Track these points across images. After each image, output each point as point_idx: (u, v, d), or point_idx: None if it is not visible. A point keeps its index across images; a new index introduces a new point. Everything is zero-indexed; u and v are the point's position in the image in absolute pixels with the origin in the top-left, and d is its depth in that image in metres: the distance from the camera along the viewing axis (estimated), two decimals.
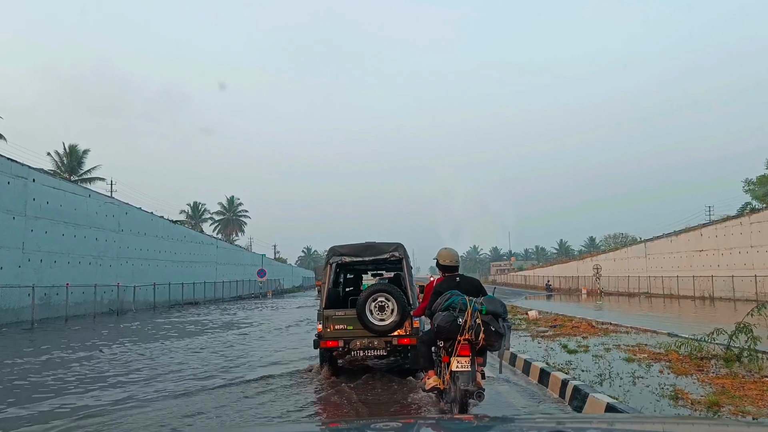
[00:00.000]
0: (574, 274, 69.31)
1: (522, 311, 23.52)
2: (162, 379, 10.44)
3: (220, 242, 55.80)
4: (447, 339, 5.96)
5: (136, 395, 8.92)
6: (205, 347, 15.34)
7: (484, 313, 5.79)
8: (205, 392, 9.01)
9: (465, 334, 5.75)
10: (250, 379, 10.03)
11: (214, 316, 29.22)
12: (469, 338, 5.77)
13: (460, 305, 5.82)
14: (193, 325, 23.18)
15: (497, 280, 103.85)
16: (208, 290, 45.08)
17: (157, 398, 8.62)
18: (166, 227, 40.75)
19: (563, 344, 11.59)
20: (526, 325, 16.56)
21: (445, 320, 5.82)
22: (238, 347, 15.29)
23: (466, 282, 6.48)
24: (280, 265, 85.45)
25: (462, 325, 5.73)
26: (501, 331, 5.80)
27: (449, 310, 5.86)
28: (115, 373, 11.21)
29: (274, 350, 14.39)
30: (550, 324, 16.60)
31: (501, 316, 5.90)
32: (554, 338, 12.96)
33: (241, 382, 9.80)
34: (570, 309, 29.53)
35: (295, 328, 20.69)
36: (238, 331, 20.01)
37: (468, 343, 5.81)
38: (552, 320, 18.06)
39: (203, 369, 11.50)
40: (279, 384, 9.39)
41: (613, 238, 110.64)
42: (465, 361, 5.83)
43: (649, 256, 52.13)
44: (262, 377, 10.05)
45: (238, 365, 11.96)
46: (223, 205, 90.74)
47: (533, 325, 16.48)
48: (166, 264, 39.58)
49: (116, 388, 9.61)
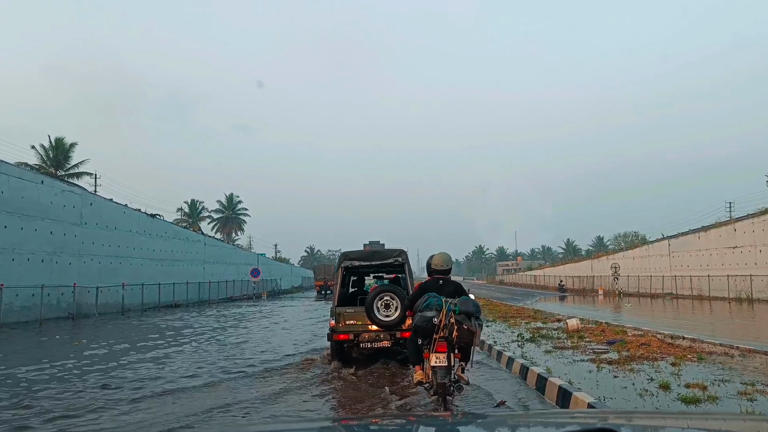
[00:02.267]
0: (588, 273, 65.20)
1: (552, 317, 19.28)
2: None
3: (209, 239, 51.50)
4: (425, 337, 6.47)
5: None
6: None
7: (457, 312, 6.25)
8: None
9: (440, 332, 6.23)
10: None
11: (182, 321, 25.12)
12: (444, 336, 6.24)
13: (435, 306, 6.34)
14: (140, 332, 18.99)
15: (505, 281, 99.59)
16: (193, 291, 40.89)
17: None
18: (143, 221, 36.53)
19: (662, 383, 7.28)
20: (570, 340, 12.40)
21: (421, 320, 6.36)
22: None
23: (447, 284, 6.87)
24: (278, 265, 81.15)
25: (437, 324, 6.22)
26: (473, 329, 6.29)
27: (426, 310, 6.38)
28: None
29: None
30: (602, 337, 12.44)
31: (474, 315, 6.37)
32: (628, 365, 8.76)
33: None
34: (601, 314, 25.33)
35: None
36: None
37: (444, 340, 6.27)
38: (599, 331, 13.90)
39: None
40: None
41: (624, 236, 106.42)
42: (442, 357, 6.31)
43: (674, 254, 47.87)
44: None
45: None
46: (222, 203, 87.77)
47: (580, 340, 12.33)
48: (141, 262, 35.45)
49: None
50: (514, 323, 17.54)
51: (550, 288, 72.04)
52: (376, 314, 9.86)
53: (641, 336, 12.48)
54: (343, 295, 11.89)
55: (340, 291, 11.61)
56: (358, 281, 14.55)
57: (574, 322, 14.40)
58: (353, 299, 12.33)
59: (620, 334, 13.06)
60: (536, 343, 12.26)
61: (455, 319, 6.20)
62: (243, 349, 14.49)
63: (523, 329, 15.61)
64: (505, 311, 23.82)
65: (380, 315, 9.88)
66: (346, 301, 11.96)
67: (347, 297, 12.44)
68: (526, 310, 24.81)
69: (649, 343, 10.85)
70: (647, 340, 11.40)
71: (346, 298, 12.28)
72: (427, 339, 6.40)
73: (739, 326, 20.44)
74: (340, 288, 11.66)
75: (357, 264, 11.65)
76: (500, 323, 17.92)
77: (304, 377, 10.10)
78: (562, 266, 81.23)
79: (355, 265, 11.69)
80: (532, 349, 11.36)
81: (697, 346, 10.69)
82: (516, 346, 11.85)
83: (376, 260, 11.83)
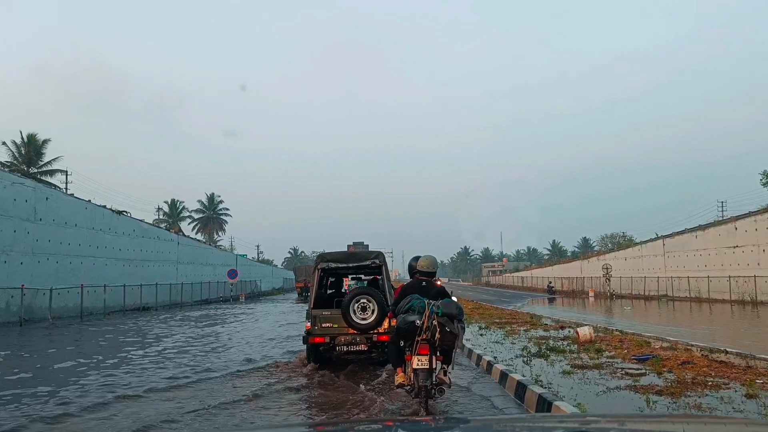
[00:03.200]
0: (578, 274, 63.39)
1: (554, 324, 17.12)
2: None
3: (182, 238, 48.75)
4: (407, 339, 6.37)
5: None
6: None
7: (440, 315, 6.18)
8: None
9: (422, 335, 6.15)
10: None
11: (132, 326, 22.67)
12: (426, 338, 6.14)
13: (418, 308, 6.25)
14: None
15: (491, 282, 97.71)
16: (164, 293, 38.28)
17: None
18: (107, 218, 33.84)
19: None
20: (587, 354, 10.22)
21: (403, 322, 6.28)
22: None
23: (430, 286, 6.75)
24: (258, 266, 78.35)
25: (419, 326, 6.14)
26: (455, 332, 6.25)
27: (409, 312, 6.28)
28: None
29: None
30: (625, 351, 10.28)
31: (456, 318, 6.32)
32: (686, 396, 6.57)
33: None
34: (599, 317, 23.31)
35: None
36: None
37: (426, 342, 6.17)
38: (617, 342, 11.75)
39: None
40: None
41: (611, 237, 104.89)
42: (424, 360, 6.19)
43: (669, 254, 46.09)
44: None
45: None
46: (203, 203, 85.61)
47: (598, 354, 10.16)
48: (106, 262, 32.84)
49: None
50: (512, 331, 15.39)
51: (538, 290, 70.23)
52: (353, 317, 9.76)
53: (671, 349, 10.34)
54: (320, 297, 11.71)
55: (316, 293, 11.32)
56: (336, 283, 14.39)
57: (587, 332, 12.21)
58: (330, 301, 11.88)
59: (644, 346, 10.92)
60: (546, 358, 10.08)
61: (438, 321, 6.16)
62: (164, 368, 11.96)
63: (524, 339, 13.46)
64: (498, 316, 21.71)
65: (357, 318, 9.78)
66: (323, 303, 11.71)
67: (324, 299, 12.18)
68: (520, 315, 22.72)
69: (693, 361, 8.67)
70: (689, 356, 9.20)
71: (323, 300, 12.04)
72: (409, 341, 6.34)
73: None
74: (317, 290, 11.37)
75: (334, 266, 11.35)
76: (496, 330, 15.76)
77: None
78: (550, 267, 79.46)
79: (332, 267, 11.39)
80: (543, 367, 9.18)
81: (757, 365, 8.52)
82: (521, 363, 9.69)
83: (353, 262, 11.58)
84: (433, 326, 6.08)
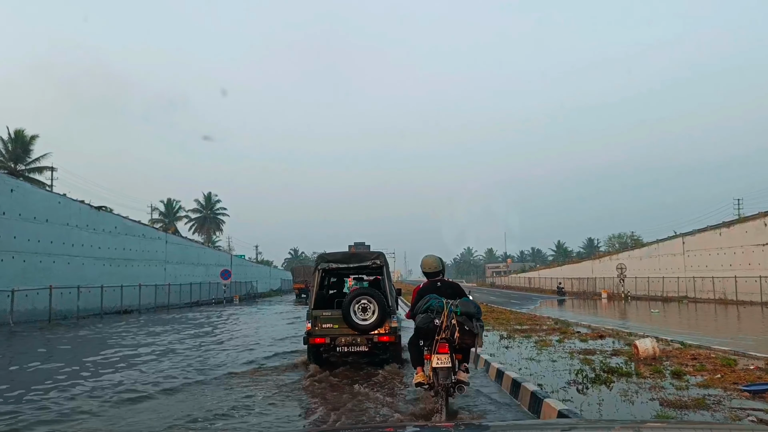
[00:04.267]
0: (589, 275, 60.50)
1: (592, 332, 14.30)
2: None
3: (171, 237, 45.82)
4: (426, 338, 6.44)
5: None
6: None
7: (459, 314, 6.20)
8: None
9: (441, 334, 6.16)
10: None
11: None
12: (445, 337, 6.16)
13: (437, 308, 6.27)
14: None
15: (496, 283, 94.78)
16: (149, 295, 35.47)
17: None
18: (85, 214, 31.07)
19: None
20: (673, 384, 7.44)
21: (423, 322, 6.31)
22: None
23: (446, 286, 6.85)
24: (254, 266, 75.55)
25: (438, 325, 6.17)
26: (474, 331, 6.25)
27: (428, 312, 6.32)
28: None
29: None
30: (715, 374, 7.53)
31: (475, 317, 6.34)
32: None
33: None
34: (625, 322, 20.50)
35: None
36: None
37: (446, 341, 6.19)
38: (690, 359, 8.99)
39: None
40: None
41: (618, 237, 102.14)
42: (444, 359, 6.22)
43: (689, 252, 43.27)
44: None
45: None
46: (200, 202, 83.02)
47: (678, 379, 7.41)
48: (83, 261, 30.13)
49: None
50: (543, 342, 12.61)
51: (546, 291, 67.42)
52: (353, 318, 9.85)
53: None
54: (320, 298, 11.61)
55: (317, 293, 11.27)
56: (337, 283, 14.46)
57: (648, 345, 9.38)
58: (331, 302, 11.95)
59: (732, 366, 8.16)
60: (609, 386, 7.31)
61: (457, 320, 6.19)
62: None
63: (562, 352, 10.72)
64: (517, 321, 18.92)
65: (357, 319, 9.87)
66: (324, 303, 11.68)
67: (325, 299, 12.12)
68: (541, 319, 19.94)
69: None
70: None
71: (324, 300, 11.98)
72: (429, 340, 6.40)
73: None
74: (317, 290, 11.33)
75: (335, 266, 11.31)
76: (521, 340, 12.99)
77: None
78: (558, 267, 76.49)
79: (332, 268, 11.37)
80: (614, 402, 6.43)
81: None
82: (575, 392, 6.97)
83: (354, 263, 11.47)
84: (452, 325, 6.15)
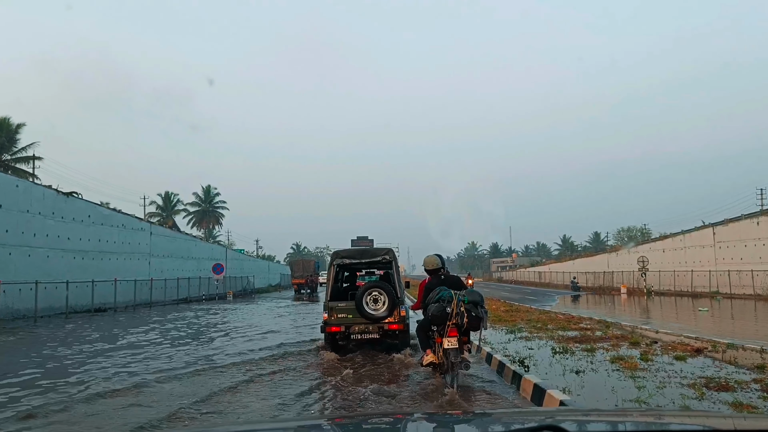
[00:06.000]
0: (604, 269, 56.89)
1: (680, 344, 10.65)
2: None
3: (157, 228, 41.97)
4: (439, 324, 7.50)
5: None
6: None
7: (466, 302, 7.39)
8: None
9: (452, 320, 7.31)
10: None
11: None
12: (455, 322, 7.31)
13: (447, 298, 7.40)
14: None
15: (504, 278, 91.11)
16: (128, 291, 31.77)
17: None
18: (50, 200, 27.37)
19: None
20: None
21: (437, 310, 7.40)
22: None
23: (450, 279, 8.08)
24: (252, 260, 71.78)
25: (450, 312, 7.31)
26: (480, 315, 7.41)
27: (440, 302, 7.43)
28: None
29: None
30: None
31: (479, 304, 7.48)
32: None
33: None
34: (672, 323, 16.86)
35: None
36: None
37: (455, 326, 7.34)
38: None
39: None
40: None
41: (627, 231, 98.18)
42: (454, 341, 7.37)
43: (720, 244, 39.62)
44: None
45: None
46: (199, 195, 79.70)
47: None
48: (48, 254, 26.52)
49: None
50: (624, 362, 8.94)
51: (558, 286, 63.91)
52: (366, 308, 10.96)
53: None
54: (335, 291, 12.50)
55: (332, 286, 12.21)
56: (350, 277, 15.79)
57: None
58: (345, 294, 13.36)
59: None
60: None
61: (465, 308, 7.34)
62: None
63: (669, 381, 7.13)
64: (553, 322, 15.37)
65: (369, 309, 10.96)
66: (339, 295, 12.67)
67: (340, 292, 13.30)
68: (581, 320, 16.35)
69: None
70: None
71: (339, 293, 13.06)
72: (441, 326, 7.43)
73: None
74: (332, 284, 12.29)
75: (348, 262, 12.48)
76: (583, 355, 9.36)
77: None
78: (570, 261, 72.71)
79: (346, 263, 12.56)
80: None
81: None
82: None
83: (366, 258, 12.67)
84: (461, 312, 7.29)
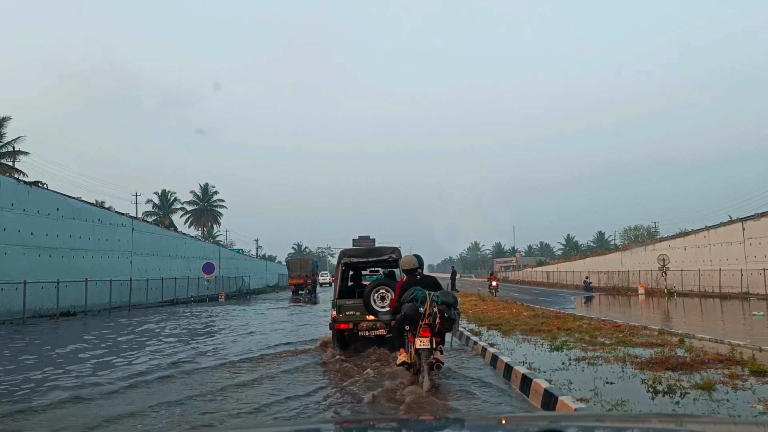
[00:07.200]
0: (618, 268, 53.71)
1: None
2: None
3: (140, 224, 38.69)
4: (411, 324, 7.60)
5: None
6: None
7: (440, 303, 7.48)
8: None
9: (425, 320, 7.42)
10: None
11: None
12: (428, 323, 7.42)
13: (421, 298, 7.54)
14: None
15: (509, 278, 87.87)
16: (102, 293, 28.60)
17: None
18: (11, 191, 24.19)
19: None
20: None
21: (410, 309, 7.52)
22: None
23: (426, 279, 8.27)
24: (248, 260, 68.58)
25: (422, 313, 7.43)
26: (452, 317, 7.53)
27: (413, 302, 7.56)
28: None
29: None
30: None
31: (453, 306, 7.60)
32: None
33: None
34: (724, 331, 13.71)
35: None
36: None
37: (428, 326, 7.44)
38: None
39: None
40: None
41: (634, 230, 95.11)
42: (426, 341, 7.48)
43: (751, 240, 36.43)
44: None
45: None
46: (196, 193, 77.94)
47: None
48: (6, 250, 23.41)
49: None
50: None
51: (568, 286, 60.48)
52: (373, 305, 10.93)
53: None
54: (343, 289, 12.87)
55: (340, 285, 12.59)
56: (355, 276, 16.49)
57: None
58: (352, 292, 13.56)
59: None
60: None
61: (438, 309, 7.43)
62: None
63: None
64: (593, 330, 12.34)
65: (376, 306, 10.92)
66: (346, 294, 12.97)
67: (347, 290, 13.59)
68: (635, 329, 13.29)
69: None
70: None
71: (346, 291, 13.35)
72: (413, 326, 7.53)
73: None
74: (340, 282, 12.67)
75: (355, 261, 12.80)
76: (703, 395, 6.26)
77: None
78: (580, 260, 69.41)
79: (353, 262, 12.83)
80: None
81: None
82: None
83: (372, 257, 13.00)
84: (434, 313, 7.39)
